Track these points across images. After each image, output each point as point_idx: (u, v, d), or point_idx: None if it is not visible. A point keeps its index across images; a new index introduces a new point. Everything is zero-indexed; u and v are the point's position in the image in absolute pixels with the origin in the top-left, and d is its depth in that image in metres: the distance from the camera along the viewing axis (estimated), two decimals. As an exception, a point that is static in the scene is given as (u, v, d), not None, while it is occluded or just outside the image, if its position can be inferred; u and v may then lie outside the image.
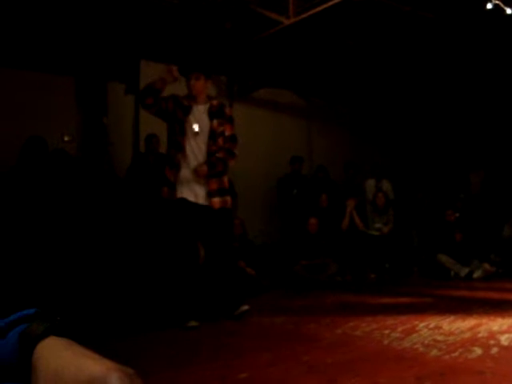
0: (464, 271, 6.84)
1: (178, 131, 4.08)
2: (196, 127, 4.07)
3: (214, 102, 4.23)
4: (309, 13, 5.43)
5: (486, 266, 6.86)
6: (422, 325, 3.67)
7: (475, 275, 6.76)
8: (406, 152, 10.03)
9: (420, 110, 9.70)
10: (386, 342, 3.21)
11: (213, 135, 4.11)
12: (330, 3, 5.25)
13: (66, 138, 6.25)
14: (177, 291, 4.05)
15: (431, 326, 3.64)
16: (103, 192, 5.06)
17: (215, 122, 4.13)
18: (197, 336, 3.71)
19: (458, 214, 7.50)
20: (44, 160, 4.67)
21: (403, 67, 8.12)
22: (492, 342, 3.12)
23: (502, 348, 2.96)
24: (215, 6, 6.19)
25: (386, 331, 3.50)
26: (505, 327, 3.54)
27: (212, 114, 4.14)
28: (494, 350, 2.92)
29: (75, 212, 4.60)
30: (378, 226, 7.82)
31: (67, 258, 4.38)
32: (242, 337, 3.47)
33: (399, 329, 3.56)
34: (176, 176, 4.02)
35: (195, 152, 4.08)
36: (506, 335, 3.28)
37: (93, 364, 0.63)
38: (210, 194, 4.07)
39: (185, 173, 4.05)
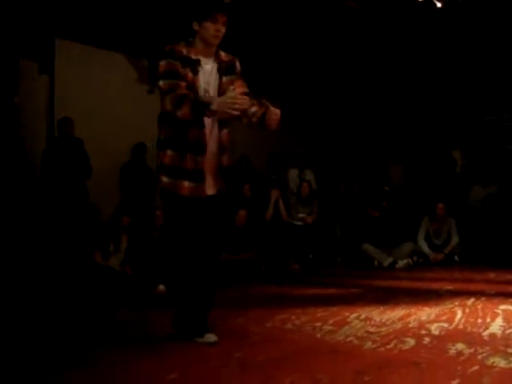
0: (387, 261, 6.97)
1: None
2: (208, 89, 3.03)
3: (224, 56, 3.14)
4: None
5: (409, 260, 7.06)
6: (352, 316, 3.62)
7: (398, 266, 6.90)
8: (328, 143, 10.11)
9: (341, 102, 9.78)
10: (318, 335, 3.12)
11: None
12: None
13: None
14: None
15: (362, 317, 3.59)
16: (13, 177, 4.67)
17: (224, 79, 3.08)
18: (121, 333, 3.46)
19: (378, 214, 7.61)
20: None
21: (327, 56, 8.13)
22: (423, 331, 3.12)
23: (434, 337, 2.97)
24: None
25: (318, 324, 3.41)
26: (433, 316, 3.58)
27: (221, 70, 3.08)
28: (426, 339, 2.92)
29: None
30: (301, 215, 7.80)
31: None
32: (165, 333, 3.23)
33: (330, 321, 3.48)
34: (201, 163, 2.96)
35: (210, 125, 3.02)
36: (436, 324, 3.30)
37: None
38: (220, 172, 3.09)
39: (207, 157, 3.01)
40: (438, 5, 4.43)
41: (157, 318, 3.81)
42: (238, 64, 3.20)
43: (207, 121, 2.97)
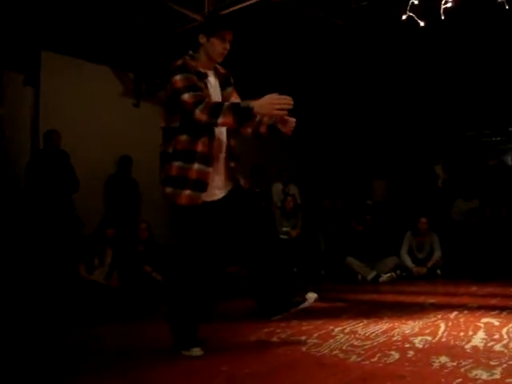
0: (371, 275, 7.01)
1: None
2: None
3: (220, 68, 3.17)
4: (225, 11, 5.30)
5: (393, 274, 7.11)
6: (337, 330, 3.64)
7: (381, 279, 6.95)
8: (312, 157, 10.19)
9: (326, 117, 9.87)
10: (304, 348, 3.14)
11: None
12: (247, 3, 5.16)
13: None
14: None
15: (346, 330, 3.61)
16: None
17: (225, 92, 3.12)
18: (105, 346, 3.43)
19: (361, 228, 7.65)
20: None
21: (312, 71, 8.22)
22: (407, 345, 3.14)
23: (418, 351, 2.98)
24: (126, -2, 5.92)
25: (303, 337, 3.42)
26: (416, 330, 3.60)
27: (222, 83, 3.14)
28: (411, 353, 2.94)
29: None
30: (285, 229, 7.83)
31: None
32: (152, 346, 3.23)
33: (315, 334, 3.50)
34: (206, 173, 2.93)
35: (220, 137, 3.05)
36: (419, 338, 3.32)
37: None
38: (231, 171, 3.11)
39: (216, 167, 3.02)
40: (421, 24, 4.53)
41: (141, 331, 3.80)
42: (231, 77, 3.24)
43: (217, 129, 2.96)
